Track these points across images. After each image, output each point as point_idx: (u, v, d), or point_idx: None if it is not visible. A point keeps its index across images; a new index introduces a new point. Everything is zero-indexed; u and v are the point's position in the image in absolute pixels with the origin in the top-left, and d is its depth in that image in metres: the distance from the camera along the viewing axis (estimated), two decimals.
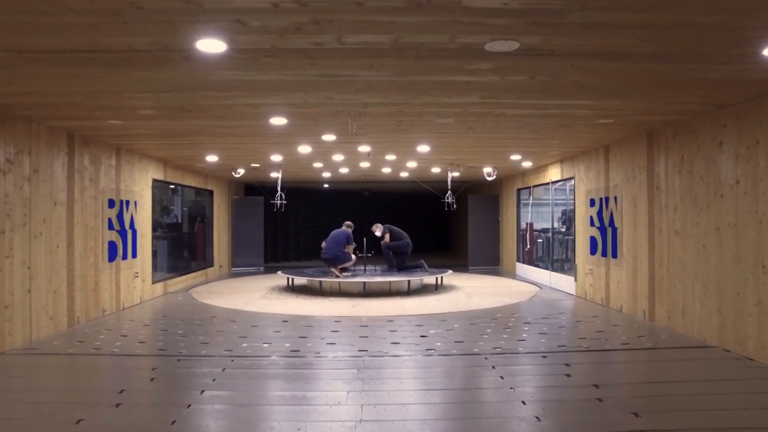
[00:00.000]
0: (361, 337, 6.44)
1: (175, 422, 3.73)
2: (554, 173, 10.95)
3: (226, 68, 4.18)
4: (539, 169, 11.73)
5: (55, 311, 6.60)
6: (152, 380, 4.85)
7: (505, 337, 6.43)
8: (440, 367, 5.24)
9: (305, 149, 8.63)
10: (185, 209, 13.25)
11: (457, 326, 7.04)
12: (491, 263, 14.88)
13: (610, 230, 8.39)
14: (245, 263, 14.89)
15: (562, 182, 10.92)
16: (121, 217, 8.44)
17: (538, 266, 12.23)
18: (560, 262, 11.51)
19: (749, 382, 4.68)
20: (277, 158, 9.93)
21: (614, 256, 8.24)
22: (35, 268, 6.22)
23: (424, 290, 10.39)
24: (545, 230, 12.40)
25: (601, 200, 8.71)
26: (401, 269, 11.19)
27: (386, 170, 12.23)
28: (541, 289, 10.67)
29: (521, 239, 13.34)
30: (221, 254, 14.18)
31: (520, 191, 13.44)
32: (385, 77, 4.47)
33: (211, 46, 3.64)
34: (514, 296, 9.68)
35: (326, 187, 16.82)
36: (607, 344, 6.05)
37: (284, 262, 16.91)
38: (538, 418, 3.79)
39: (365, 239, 11.25)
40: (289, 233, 17.69)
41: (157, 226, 10.71)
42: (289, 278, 10.84)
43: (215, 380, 4.74)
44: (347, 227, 10.91)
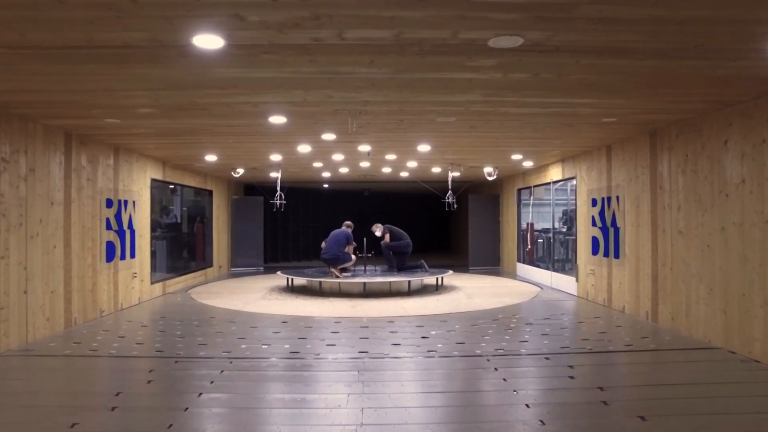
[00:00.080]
0: (361, 338, 6.37)
1: (171, 426, 3.65)
2: (555, 173, 10.88)
3: (224, 65, 4.10)
4: (540, 168, 11.66)
5: (51, 312, 6.52)
6: (149, 383, 4.77)
7: (507, 338, 6.36)
8: (442, 369, 5.17)
9: (305, 148, 8.55)
10: (184, 209, 13.17)
11: (458, 327, 6.97)
12: (492, 263, 14.81)
13: (612, 230, 8.32)
14: (245, 263, 14.82)
15: (563, 182, 10.85)
16: (119, 217, 8.36)
17: (538, 266, 12.15)
18: (561, 262, 11.44)
19: (757, 384, 4.61)
20: (276, 158, 9.86)
21: (616, 256, 8.16)
22: (32, 268, 6.14)
23: (424, 291, 10.32)
24: (546, 230, 12.33)
25: (603, 200, 8.64)
26: (401, 269, 11.11)
27: (386, 170, 12.15)
28: (542, 289, 10.60)
29: (522, 239, 13.27)
30: (221, 254, 14.10)
31: (520, 191, 13.37)
32: (386, 74, 4.39)
33: (208, 41, 3.56)
34: (515, 297, 9.61)
35: (326, 187, 16.75)
36: (610, 345, 5.97)
37: (284, 262, 16.83)
38: (542, 422, 3.72)
39: (365, 239, 11.17)
40: (288, 233, 17.61)
41: (156, 226, 10.64)
42: (288, 278, 10.77)
43: (213, 382, 4.66)
44: (347, 227, 10.84)
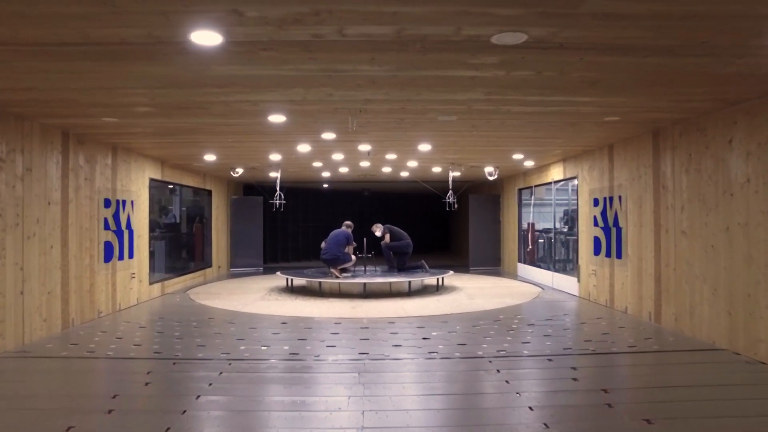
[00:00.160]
0: (361, 339, 6.30)
1: (169, 430, 3.58)
2: (556, 173, 10.81)
3: (222, 62, 4.04)
4: (541, 168, 11.59)
5: (48, 313, 6.45)
6: (147, 385, 4.70)
7: (509, 339, 6.29)
8: (443, 370, 5.10)
9: (304, 148, 8.49)
10: (183, 209, 13.10)
11: (459, 328, 6.90)
12: (492, 264, 14.74)
13: (614, 230, 8.25)
14: (244, 264, 14.75)
15: (564, 182, 10.79)
16: (117, 217, 8.30)
17: (539, 267, 12.09)
18: (562, 262, 11.38)
19: (763, 387, 4.54)
20: (276, 157, 9.79)
21: (618, 256, 8.10)
22: (28, 269, 6.07)
23: (424, 291, 10.26)
24: (547, 230, 12.27)
25: (605, 200, 8.57)
26: (402, 270, 11.05)
27: (386, 170, 12.09)
28: (543, 290, 10.54)
29: (523, 239, 13.21)
30: (220, 255, 14.03)
31: (521, 191, 13.31)
32: (387, 72, 4.33)
33: (206, 38, 3.49)
34: (516, 297, 9.54)
35: (326, 186, 16.68)
36: (613, 347, 5.91)
37: (283, 262, 16.77)
38: (546, 425, 3.65)
39: (365, 239, 11.11)
40: (288, 233, 17.54)
41: (155, 226, 10.57)
42: (288, 279, 10.70)
43: (212, 385, 4.59)
44: (347, 227, 10.77)
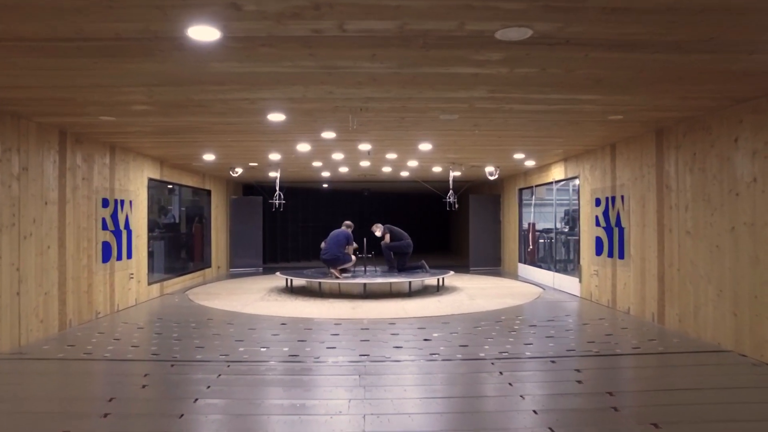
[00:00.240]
0: (362, 340, 6.22)
1: None
2: (558, 172, 10.74)
3: (220, 59, 3.96)
4: (542, 168, 11.52)
5: (45, 314, 6.37)
6: (144, 387, 4.61)
7: (511, 340, 6.21)
8: (445, 373, 5.03)
9: (304, 147, 8.41)
10: (183, 209, 13.03)
11: (460, 329, 6.83)
12: (493, 264, 14.66)
13: (616, 230, 8.18)
14: (243, 264, 14.67)
15: (565, 181, 10.72)
16: (115, 217, 8.22)
17: (540, 267, 12.02)
18: (563, 262, 11.31)
19: None
20: (275, 157, 9.71)
21: (621, 256, 8.02)
22: (25, 269, 5.99)
23: (425, 292, 10.18)
24: (548, 230, 12.20)
25: (607, 199, 8.50)
26: (402, 270, 10.97)
27: (387, 169, 12.01)
28: (544, 290, 10.46)
29: (523, 239, 13.14)
30: (219, 255, 13.95)
31: (522, 191, 13.23)
32: (388, 69, 4.25)
33: (203, 33, 3.41)
34: (517, 298, 9.47)
35: (325, 186, 16.60)
36: (617, 348, 5.83)
37: (283, 262, 16.69)
38: (551, 429, 3.57)
39: (365, 239, 11.03)
40: (288, 233, 17.46)
41: (154, 226, 10.50)
42: (287, 279, 10.62)
43: (210, 387, 4.51)
44: (347, 227, 10.69)
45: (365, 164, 10.80)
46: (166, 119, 6.23)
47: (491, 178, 11.92)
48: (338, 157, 9.61)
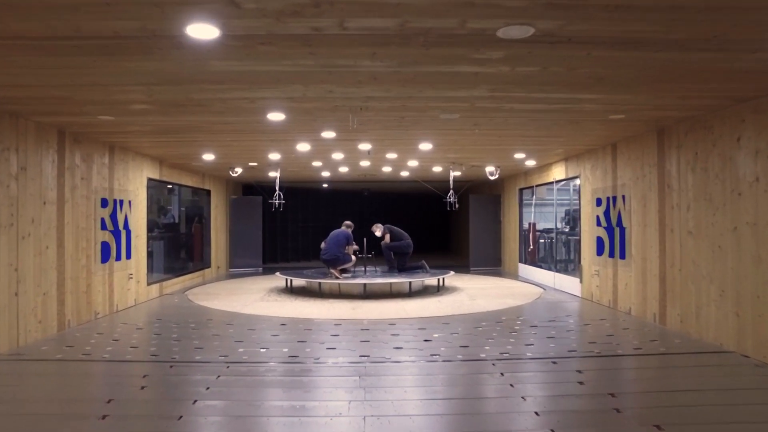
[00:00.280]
0: (362, 341, 6.19)
1: None
2: (558, 172, 10.71)
3: (219, 57, 3.92)
4: (543, 168, 11.49)
5: (44, 315, 6.34)
6: (143, 389, 4.58)
7: (511, 341, 6.18)
8: (445, 374, 4.99)
9: (304, 147, 8.38)
10: (182, 209, 12.99)
11: (461, 330, 6.79)
12: (493, 264, 14.63)
13: (617, 230, 8.15)
14: (243, 264, 14.63)
15: (565, 181, 10.69)
16: (114, 217, 8.18)
17: (540, 267, 11.98)
18: (564, 262, 11.28)
19: None
20: (275, 157, 9.68)
21: (622, 256, 7.99)
22: (23, 270, 5.96)
23: (425, 292, 10.14)
24: (548, 230, 12.16)
25: (608, 199, 8.47)
26: (402, 270, 10.94)
27: (387, 169, 11.98)
28: (545, 290, 10.43)
29: (524, 240, 13.10)
30: (219, 255, 13.91)
31: (522, 191, 13.20)
32: (389, 68, 4.21)
33: (202, 31, 3.38)
34: (518, 298, 9.44)
35: (325, 186, 16.57)
36: (618, 349, 5.80)
37: (283, 262, 16.65)
38: (553, 431, 3.54)
39: (365, 239, 11.00)
40: (287, 233, 17.43)
41: (153, 226, 10.46)
42: (287, 279, 10.59)
43: (209, 389, 4.48)
44: (347, 227, 10.66)
45: (365, 164, 10.77)
46: (165, 118, 6.19)
47: (492, 177, 11.89)
48: (338, 156, 9.58)
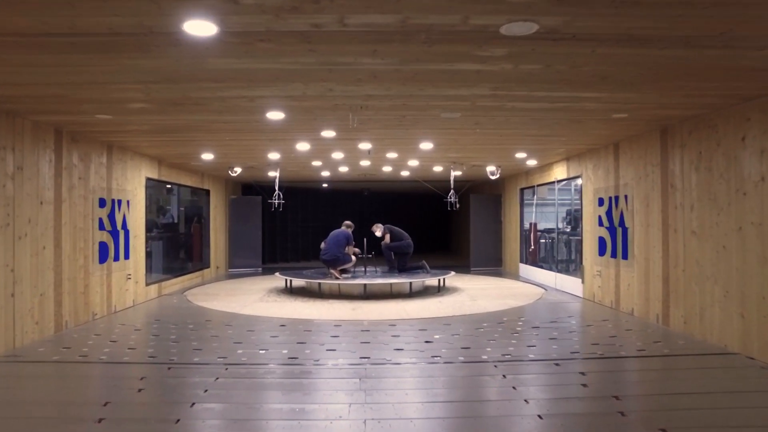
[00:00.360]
0: (362, 342, 6.13)
1: None
2: (560, 172, 10.64)
3: (217, 55, 3.86)
4: (544, 167, 11.42)
5: (41, 316, 6.27)
6: (140, 391, 4.52)
7: (513, 342, 6.12)
8: (447, 376, 4.93)
9: (304, 146, 8.31)
10: (181, 209, 12.93)
11: (462, 331, 6.73)
12: (494, 264, 14.57)
13: (620, 230, 8.09)
14: (243, 264, 14.57)
15: (567, 181, 10.62)
16: (112, 217, 8.12)
17: (542, 267, 11.92)
18: (565, 263, 11.22)
19: None
20: (274, 156, 9.62)
21: (624, 257, 7.93)
22: (19, 270, 5.89)
23: (426, 292, 10.08)
24: (549, 230, 12.11)
25: (610, 199, 8.40)
26: (402, 270, 10.88)
27: (387, 169, 11.92)
28: (546, 291, 10.36)
29: (525, 240, 13.04)
30: (218, 255, 13.85)
31: (523, 191, 13.14)
32: (389, 65, 4.15)
33: (200, 28, 3.32)
34: (519, 298, 9.37)
35: (325, 186, 16.51)
36: (622, 351, 5.74)
37: (282, 263, 16.59)
38: None
39: (365, 240, 10.94)
40: (287, 234, 17.37)
41: (152, 226, 10.40)
42: (287, 280, 10.52)
43: (207, 391, 4.42)
44: (347, 227, 10.59)
45: (365, 163, 10.71)
46: (163, 117, 6.13)
47: (492, 177, 11.83)
48: (338, 156, 9.51)
